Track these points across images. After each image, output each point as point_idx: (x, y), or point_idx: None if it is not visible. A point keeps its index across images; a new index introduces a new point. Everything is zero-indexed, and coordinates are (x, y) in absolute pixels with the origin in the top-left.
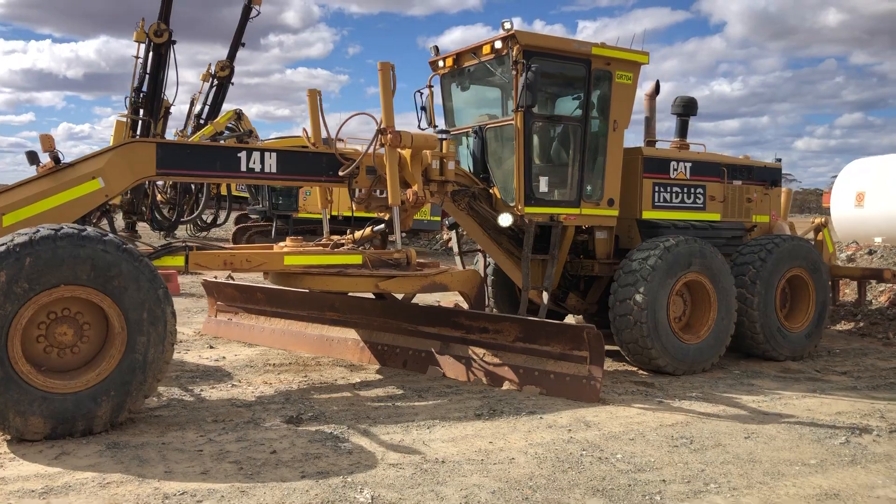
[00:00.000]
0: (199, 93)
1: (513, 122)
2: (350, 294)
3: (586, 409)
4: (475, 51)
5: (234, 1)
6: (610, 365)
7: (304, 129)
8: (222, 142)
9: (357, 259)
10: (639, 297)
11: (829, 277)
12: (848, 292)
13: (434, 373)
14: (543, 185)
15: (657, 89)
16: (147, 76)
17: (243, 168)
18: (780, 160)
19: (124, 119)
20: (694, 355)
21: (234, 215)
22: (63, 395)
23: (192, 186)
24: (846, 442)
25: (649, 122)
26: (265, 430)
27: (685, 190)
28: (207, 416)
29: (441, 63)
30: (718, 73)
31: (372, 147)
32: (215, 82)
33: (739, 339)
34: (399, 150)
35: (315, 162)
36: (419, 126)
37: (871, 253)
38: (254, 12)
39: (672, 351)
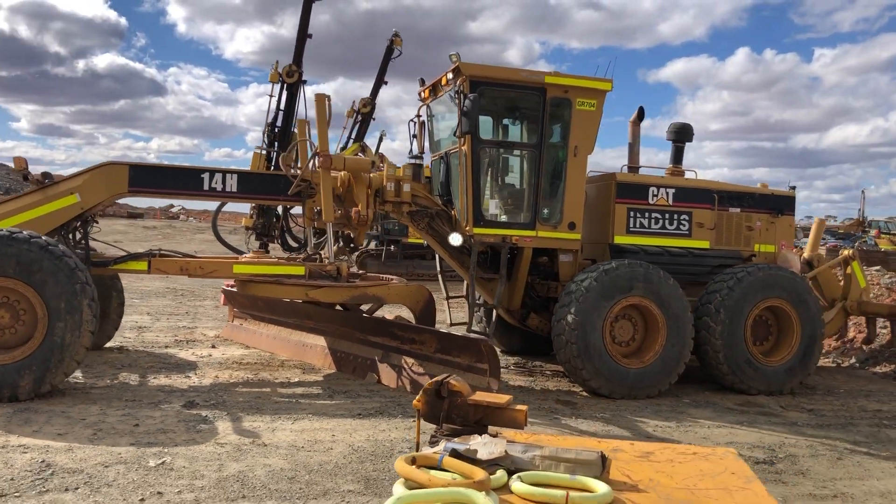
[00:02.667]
0: (344, 128)
1: (464, 147)
2: (323, 305)
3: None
4: (437, 83)
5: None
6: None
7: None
8: None
9: (300, 270)
10: (570, 318)
11: (819, 311)
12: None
13: (371, 378)
14: (493, 207)
15: (640, 116)
16: (280, 112)
17: (206, 187)
18: (793, 188)
19: (260, 151)
20: (634, 380)
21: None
22: None
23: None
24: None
25: (632, 148)
26: (156, 410)
27: (666, 216)
28: (126, 396)
29: (421, 94)
30: None
31: (310, 168)
32: (358, 118)
33: (706, 369)
34: (336, 172)
35: (272, 182)
36: (409, 153)
37: None
38: (395, 52)
39: (607, 374)
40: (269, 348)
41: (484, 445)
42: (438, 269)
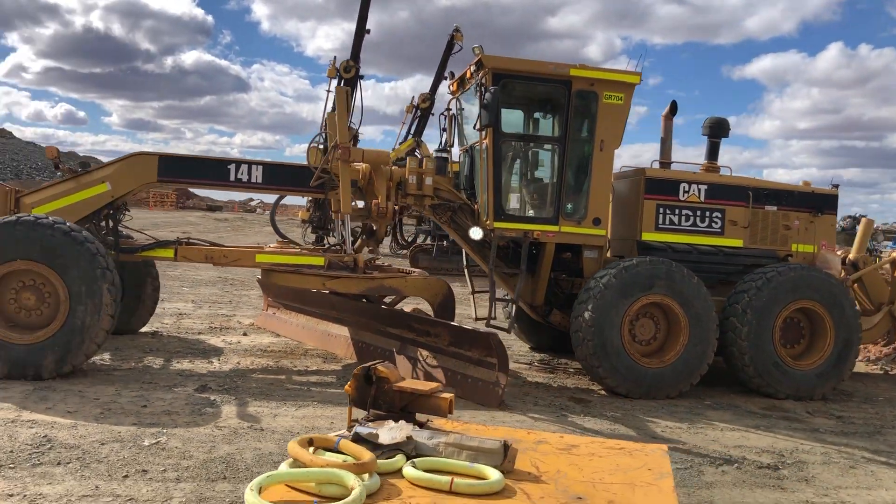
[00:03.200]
0: (403, 123)
1: (485, 141)
2: (347, 296)
3: (472, 410)
4: (464, 76)
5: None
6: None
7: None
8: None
9: (319, 261)
10: (587, 315)
11: (855, 314)
12: None
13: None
14: (514, 201)
15: (673, 110)
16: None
17: (232, 178)
18: (836, 186)
19: (316, 146)
20: (653, 380)
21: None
22: (17, 345)
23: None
24: (694, 469)
25: (664, 143)
26: (168, 392)
27: (697, 213)
28: (145, 379)
29: (450, 88)
30: None
31: (328, 161)
32: (417, 113)
33: (732, 371)
34: (355, 164)
35: (297, 174)
36: (439, 145)
37: None
38: (456, 48)
39: (624, 372)
40: (297, 337)
41: (389, 430)
42: (465, 263)
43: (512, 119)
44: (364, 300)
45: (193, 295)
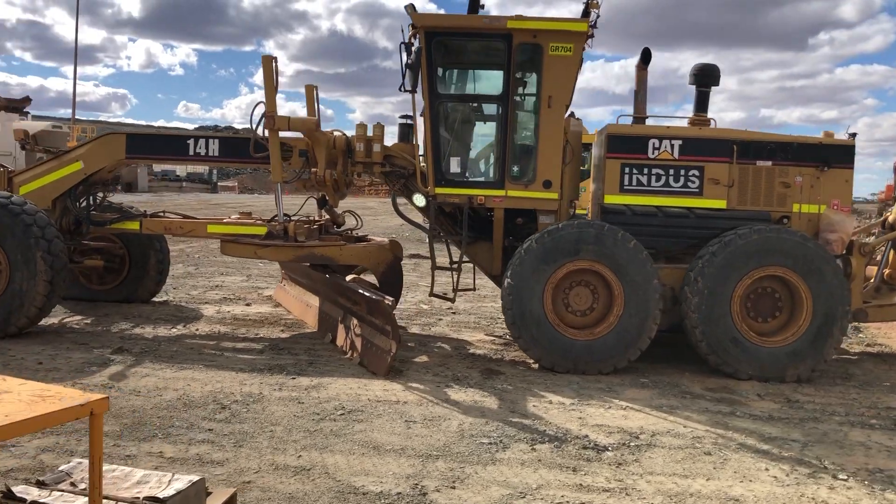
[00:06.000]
0: None
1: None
2: (317, 267)
3: (355, 378)
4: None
5: None
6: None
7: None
8: None
9: (261, 230)
10: (506, 283)
11: (842, 284)
12: None
13: (328, 338)
14: (455, 165)
15: (645, 58)
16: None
17: (191, 152)
18: (854, 135)
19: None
20: (580, 353)
21: None
22: None
23: None
24: (499, 444)
25: (637, 95)
26: (85, 352)
27: (670, 172)
28: (81, 340)
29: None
30: None
31: (260, 130)
32: None
33: (692, 348)
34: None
35: (246, 146)
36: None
37: None
38: (592, 15)
39: (546, 345)
40: (290, 307)
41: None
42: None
43: (453, 78)
44: (327, 271)
45: (258, 269)
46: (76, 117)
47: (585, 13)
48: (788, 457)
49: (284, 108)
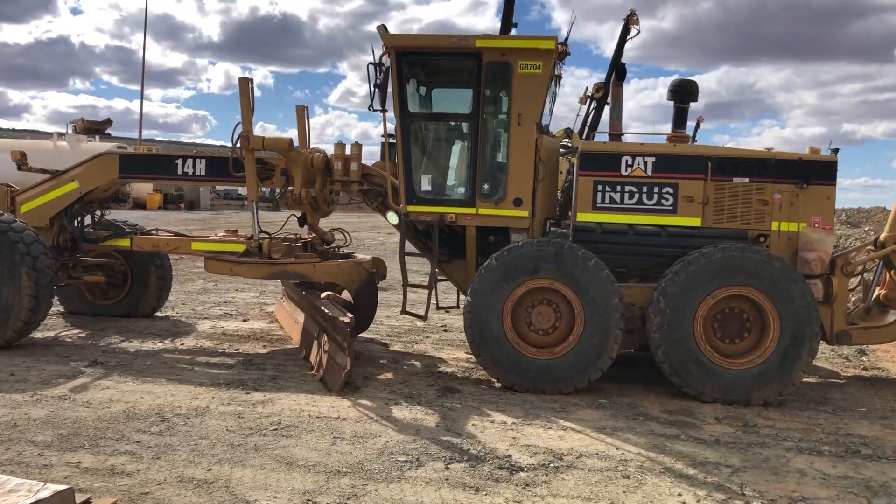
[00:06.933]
0: (577, 115)
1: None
2: (302, 284)
3: (307, 394)
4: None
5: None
6: None
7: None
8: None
9: (240, 247)
10: (467, 301)
11: (810, 304)
12: None
13: (303, 354)
14: (426, 183)
15: (620, 75)
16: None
17: (179, 172)
18: (836, 150)
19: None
20: (539, 373)
21: None
22: None
23: None
24: (415, 462)
25: (612, 112)
26: (59, 364)
27: (644, 189)
28: (63, 353)
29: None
30: None
31: (235, 150)
32: (592, 104)
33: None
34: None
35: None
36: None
37: None
38: (633, 32)
39: (506, 364)
40: (283, 323)
41: None
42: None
43: (424, 97)
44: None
45: (274, 286)
46: (156, 138)
47: (625, 30)
48: (710, 482)
49: (357, 128)
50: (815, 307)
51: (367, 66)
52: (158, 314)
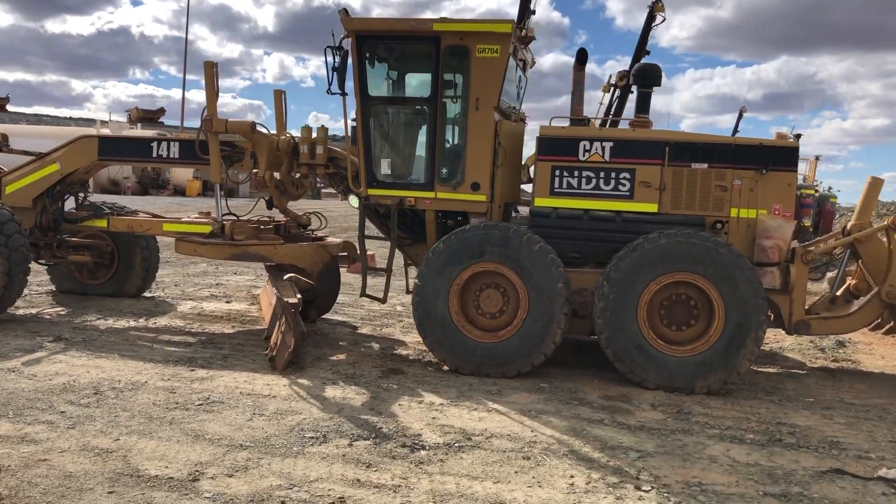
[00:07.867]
0: (601, 103)
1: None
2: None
3: (250, 373)
4: None
5: None
6: None
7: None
8: None
9: (206, 229)
10: (414, 284)
11: (756, 292)
12: None
13: (266, 334)
14: (385, 167)
15: (581, 59)
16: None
17: (154, 154)
18: (798, 136)
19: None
20: (483, 356)
21: None
22: None
23: None
24: (321, 439)
25: (574, 97)
26: (26, 339)
27: (601, 175)
28: (33, 328)
29: None
30: None
31: (200, 132)
32: (616, 93)
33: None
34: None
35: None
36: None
37: None
38: (658, 19)
39: (450, 346)
40: (262, 304)
41: None
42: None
43: (383, 80)
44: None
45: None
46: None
47: (650, 17)
48: (610, 466)
49: None
50: (763, 296)
51: (325, 50)
52: (146, 294)
